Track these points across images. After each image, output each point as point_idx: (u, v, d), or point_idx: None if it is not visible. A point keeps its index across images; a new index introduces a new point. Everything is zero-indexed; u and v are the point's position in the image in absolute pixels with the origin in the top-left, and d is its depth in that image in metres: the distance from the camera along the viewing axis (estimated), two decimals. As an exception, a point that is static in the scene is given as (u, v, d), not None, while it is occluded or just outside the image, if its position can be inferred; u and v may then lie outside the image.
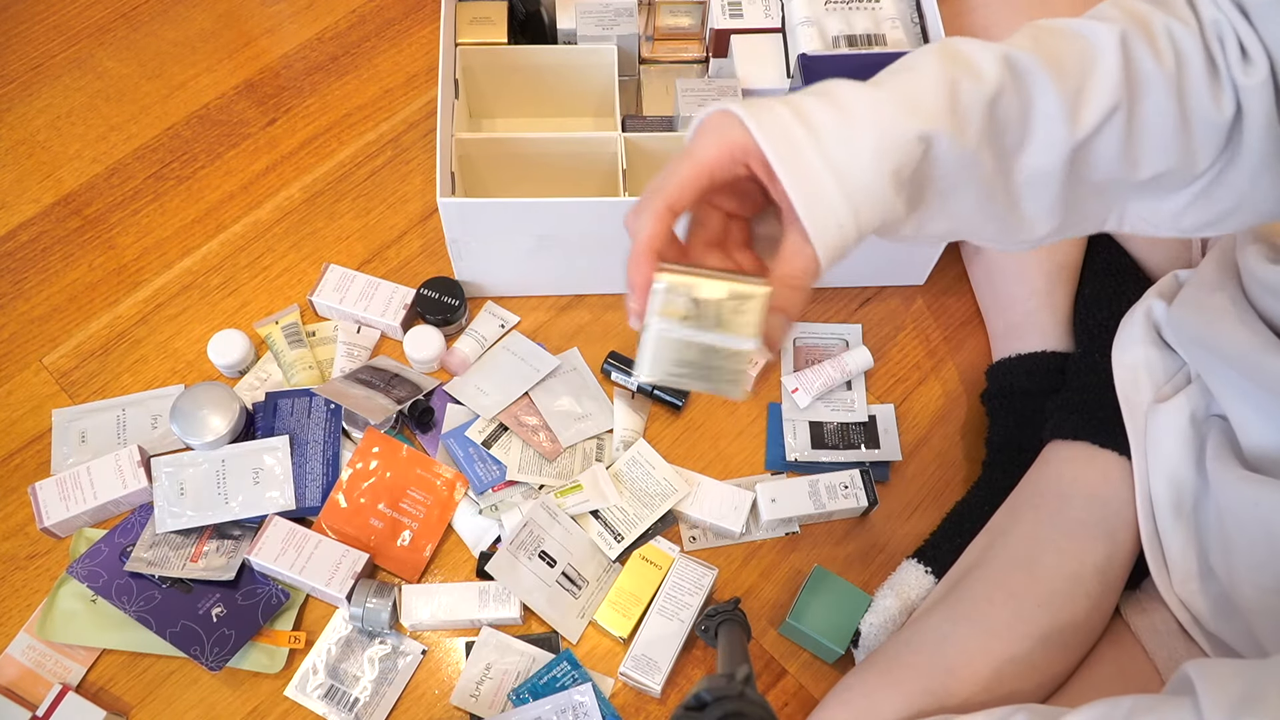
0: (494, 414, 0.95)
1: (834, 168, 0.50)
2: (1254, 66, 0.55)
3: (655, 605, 0.87)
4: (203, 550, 0.89)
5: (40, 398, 0.99)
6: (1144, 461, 0.80)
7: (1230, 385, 0.73)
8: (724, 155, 0.51)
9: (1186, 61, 0.56)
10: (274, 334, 0.99)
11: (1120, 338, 0.85)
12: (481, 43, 1.03)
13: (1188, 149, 0.57)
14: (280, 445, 0.92)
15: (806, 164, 0.50)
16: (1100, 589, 0.77)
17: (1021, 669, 0.74)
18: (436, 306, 0.99)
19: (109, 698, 0.86)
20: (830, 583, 0.86)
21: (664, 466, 0.93)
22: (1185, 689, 0.55)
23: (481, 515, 0.92)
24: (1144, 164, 0.58)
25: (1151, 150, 0.57)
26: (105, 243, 1.07)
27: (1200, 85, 0.56)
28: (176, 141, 1.14)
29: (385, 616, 0.85)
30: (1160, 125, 0.56)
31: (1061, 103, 0.54)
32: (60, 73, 1.18)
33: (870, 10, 1.02)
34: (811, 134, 0.50)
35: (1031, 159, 0.56)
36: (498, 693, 0.85)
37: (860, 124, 0.50)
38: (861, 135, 0.50)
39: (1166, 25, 0.56)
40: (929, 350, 1.03)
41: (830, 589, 0.86)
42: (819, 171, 0.50)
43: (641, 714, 0.86)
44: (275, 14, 1.23)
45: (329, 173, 1.12)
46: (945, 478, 0.97)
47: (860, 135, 0.50)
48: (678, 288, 0.51)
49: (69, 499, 0.90)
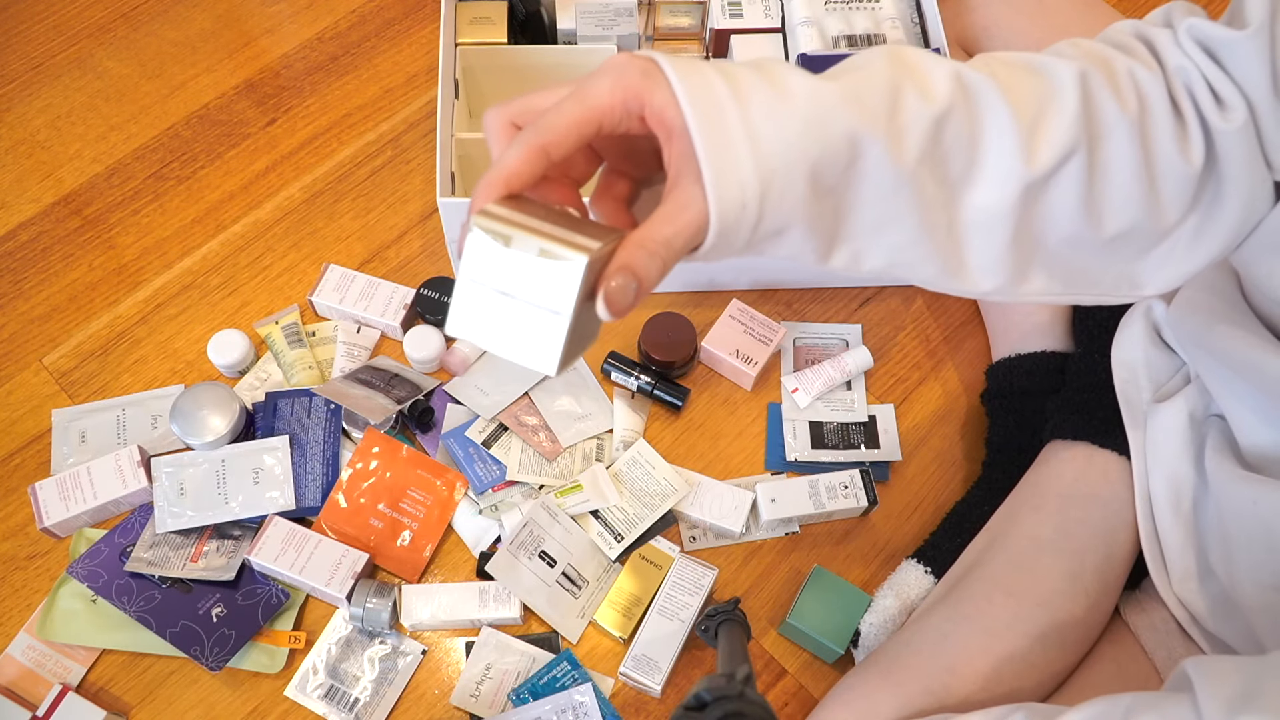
0: (494, 414, 0.95)
1: (752, 135, 0.44)
2: (1231, 111, 0.52)
3: (655, 605, 0.87)
4: (203, 550, 0.89)
5: (40, 398, 0.99)
6: (1143, 461, 0.80)
7: (1228, 386, 0.73)
8: (617, 103, 0.45)
9: (1150, 107, 0.53)
10: (274, 334, 0.99)
11: (1120, 338, 0.86)
12: (481, 43, 1.03)
13: (1154, 202, 0.54)
14: (280, 445, 0.92)
15: (724, 124, 0.44)
16: (1099, 588, 0.77)
17: (1021, 668, 0.74)
18: (436, 306, 0.99)
19: (109, 698, 0.86)
20: (830, 583, 0.86)
21: (664, 466, 0.93)
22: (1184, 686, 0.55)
23: (481, 515, 0.92)
24: (1107, 218, 0.54)
25: (1115, 201, 0.53)
26: (105, 243, 1.07)
27: (1165, 133, 0.53)
28: (176, 141, 1.14)
29: (385, 616, 0.85)
30: (1123, 173, 0.53)
31: (1016, 134, 0.50)
32: (60, 73, 1.18)
33: (870, 10, 1.02)
34: (737, 100, 0.44)
35: (979, 195, 0.50)
36: (498, 693, 0.85)
37: (792, 103, 0.45)
38: (790, 114, 0.45)
39: (1130, 68, 0.53)
40: (929, 350, 1.03)
41: (830, 589, 0.86)
42: (736, 133, 0.44)
43: (641, 714, 0.86)
44: (275, 14, 1.23)
45: (329, 173, 1.12)
46: (945, 478, 0.97)
47: (788, 114, 0.45)
48: (494, 230, 0.43)
49: (69, 499, 0.90)
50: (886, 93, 0.47)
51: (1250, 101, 0.52)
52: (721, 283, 1.03)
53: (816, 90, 0.45)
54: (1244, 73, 0.53)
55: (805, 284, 1.05)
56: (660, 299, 1.04)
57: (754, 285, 1.04)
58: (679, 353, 0.97)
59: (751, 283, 1.04)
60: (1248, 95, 0.53)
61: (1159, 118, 0.53)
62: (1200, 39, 0.53)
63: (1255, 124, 0.53)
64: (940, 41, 0.98)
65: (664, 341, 0.97)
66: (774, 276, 1.03)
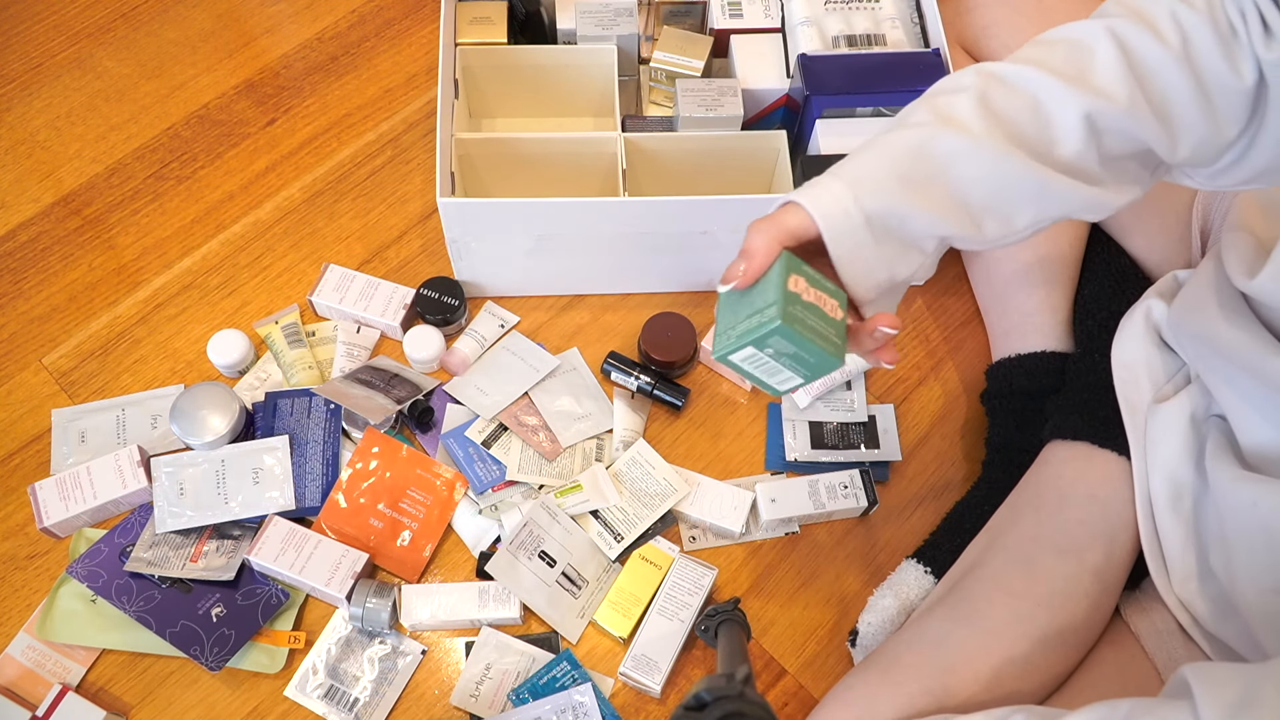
0: (494, 414, 0.95)
1: (835, 172, 0.60)
2: (1276, 41, 0.58)
3: (655, 605, 0.87)
4: (202, 550, 0.89)
5: (40, 398, 0.99)
6: (1143, 461, 0.80)
7: (1230, 383, 0.73)
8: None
9: (1192, 37, 0.59)
10: (274, 334, 0.99)
11: (1120, 338, 0.85)
12: (481, 43, 1.03)
13: (1213, 118, 0.60)
14: (280, 445, 0.92)
15: (817, 180, 0.61)
16: (1099, 589, 0.77)
17: (1021, 669, 0.74)
18: (436, 306, 0.99)
19: (109, 698, 0.86)
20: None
21: (664, 466, 0.93)
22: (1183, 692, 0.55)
23: (481, 515, 0.92)
24: (1182, 140, 0.61)
25: (1181, 123, 0.60)
26: (105, 243, 1.07)
27: (1213, 56, 0.59)
28: (176, 141, 1.14)
29: (385, 616, 0.85)
30: (1180, 98, 0.60)
31: (1066, 86, 0.59)
32: (60, 73, 1.18)
33: (870, 10, 1.02)
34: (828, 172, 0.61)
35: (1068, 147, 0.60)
36: (498, 693, 0.85)
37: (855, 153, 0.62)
38: (855, 152, 0.62)
39: (1171, 9, 0.60)
40: (929, 350, 1.03)
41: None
42: (824, 178, 0.61)
43: (641, 714, 0.86)
44: (275, 14, 1.23)
45: (329, 173, 1.12)
46: (945, 478, 0.97)
47: (855, 153, 0.61)
48: None
49: (69, 499, 0.90)
50: (924, 108, 0.62)
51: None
52: (721, 283, 1.03)
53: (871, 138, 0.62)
54: None
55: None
56: (660, 299, 1.04)
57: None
58: (679, 353, 0.97)
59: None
60: None
61: (1202, 44, 0.59)
62: None
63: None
64: (940, 41, 0.98)
65: (664, 341, 0.97)
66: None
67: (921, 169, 0.60)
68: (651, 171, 1.02)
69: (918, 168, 0.60)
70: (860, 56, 0.97)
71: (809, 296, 0.59)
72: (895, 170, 0.59)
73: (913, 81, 0.95)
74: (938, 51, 0.97)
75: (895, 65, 0.96)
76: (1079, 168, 0.61)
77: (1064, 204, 0.62)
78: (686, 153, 1.00)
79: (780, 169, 1.01)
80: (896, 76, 0.95)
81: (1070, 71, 0.60)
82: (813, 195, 0.60)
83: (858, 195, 0.59)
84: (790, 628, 0.90)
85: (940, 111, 0.61)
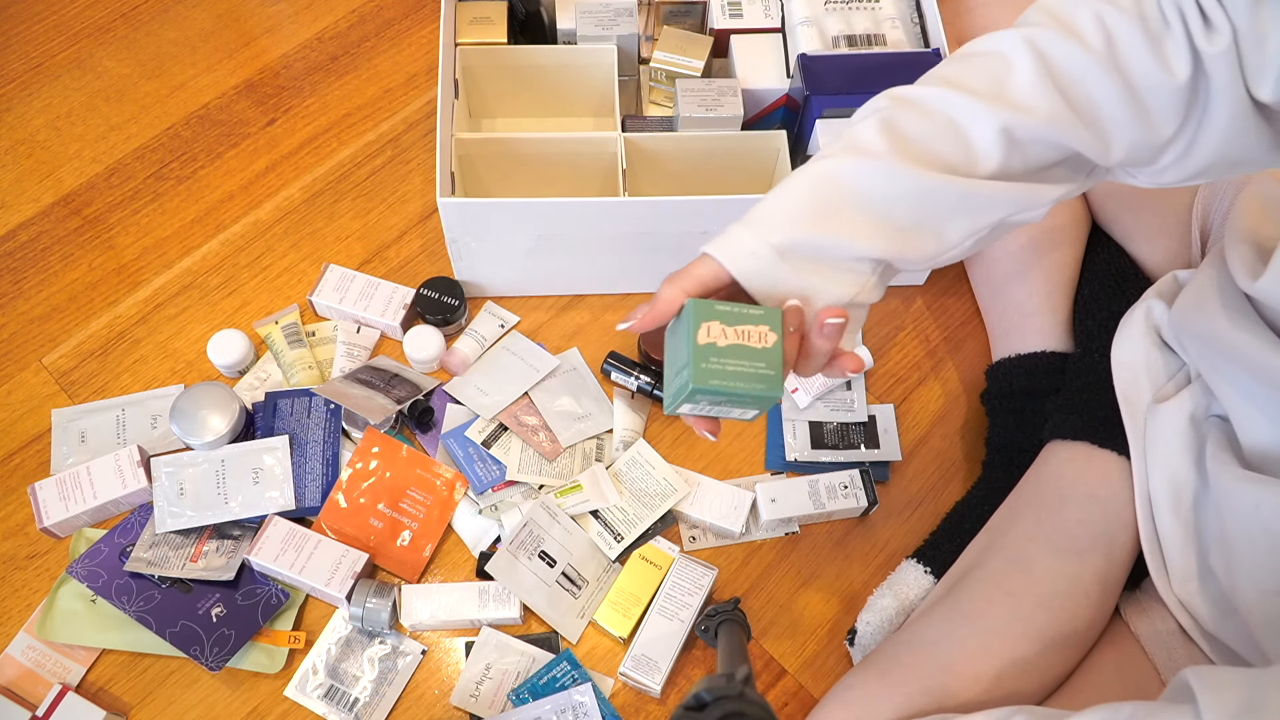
0: (494, 414, 0.95)
1: (740, 221, 0.62)
2: (1217, 33, 0.57)
3: (655, 605, 0.87)
4: (202, 550, 0.89)
5: (40, 398, 0.99)
6: (1143, 462, 0.80)
7: (1233, 383, 0.73)
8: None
9: (1118, 37, 0.59)
10: (274, 334, 0.99)
11: (1120, 338, 0.85)
12: (481, 43, 1.03)
13: (1145, 118, 0.60)
14: (280, 445, 0.92)
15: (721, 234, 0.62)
16: (1099, 589, 0.77)
17: (1020, 669, 0.74)
18: (436, 306, 0.99)
19: (109, 698, 0.86)
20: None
21: (664, 466, 0.93)
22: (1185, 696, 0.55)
23: (481, 515, 0.92)
24: (1112, 142, 0.61)
25: (1113, 125, 0.60)
26: (105, 243, 1.07)
27: (1141, 55, 0.59)
28: (176, 141, 1.14)
29: (385, 616, 0.85)
30: (1108, 102, 0.60)
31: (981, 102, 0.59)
32: (60, 73, 1.18)
33: (870, 10, 1.02)
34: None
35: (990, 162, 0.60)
36: (498, 693, 0.85)
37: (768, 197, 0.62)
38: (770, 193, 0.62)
39: (1096, 12, 0.60)
40: (929, 350, 1.03)
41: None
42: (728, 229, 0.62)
43: (641, 714, 0.86)
44: (275, 14, 1.23)
45: (329, 173, 1.12)
46: (945, 478, 0.97)
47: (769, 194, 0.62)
48: None
49: (69, 499, 0.90)
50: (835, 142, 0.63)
51: (1233, 24, 0.57)
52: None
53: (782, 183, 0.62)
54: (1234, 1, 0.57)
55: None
56: (660, 299, 1.04)
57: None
58: (679, 353, 0.97)
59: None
60: (1231, 17, 0.57)
61: (1128, 44, 0.59)
62: None
63: (1238, 48, 0.58)
64: (940, 41, 0.98)
65: (664, 341, 0.97)
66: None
67: (828, 196, 0.60)
68: (651, 171, 1.02)
69: (824, 196, 0.60)
70: (860, 56, 0.97)
71: (729, 339, 0.58)
72: (801, 202, 0.60)
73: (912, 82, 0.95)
74: (938, 51, 0.97)
75: (895, 65, 0.96)
76: (1000, 178, 0.61)
77: (993, 208, 0.61)
78: (686, 153, 1.00)
79: (780, 169, 1.01)
80: (896, 77, 0.94)
81: (985, 87, 0.60)
82: (719, 243, 0.61)
83: (762, 235, 0.60)
84: (790, 628, 0.90)
85: (845, 140, 0.61)
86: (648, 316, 0.61)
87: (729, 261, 0.60)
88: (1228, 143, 0.61)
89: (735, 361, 0.58)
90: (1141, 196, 0.93)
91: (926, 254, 0.62)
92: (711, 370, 0.58)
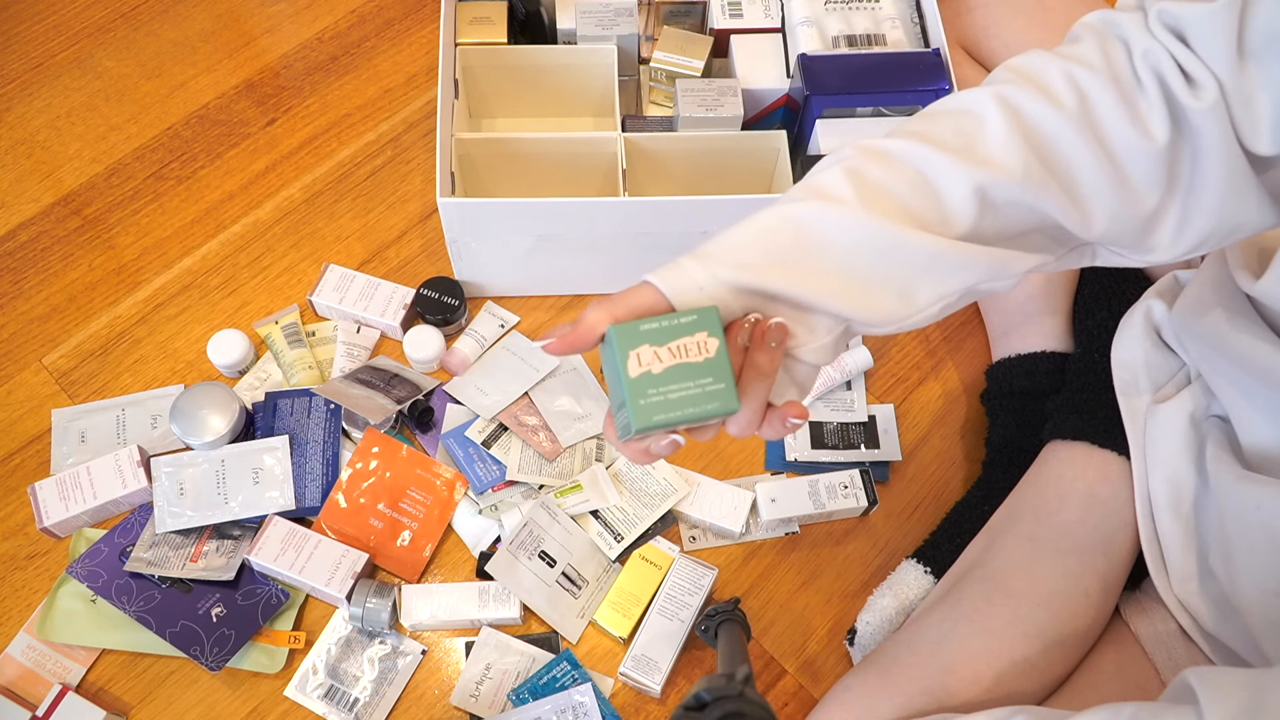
0: (494, 414, 0.95)
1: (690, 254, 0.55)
2: (1202, 90, 0.54)
3: (655, 605, 0.87)
4: (202, 550, 0.89)
5: (40, 398, 0.99)
6: (1143, 462, 0.80)
7: (1235, 384, 0.73)
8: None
9: (1091, 97, 0.55)
10: (274, 334, 0.99)
11: (1120, 338, 0.86)
12: (481, 43, 1.03)
13: (1123, 185, 0.56)
14: (280, 445, 0.92)
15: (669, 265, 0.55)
16: (1099, 589, 0.77)
17: (1021, 669, 0.74)
18: (436, 306, 0.99)
19: (109, 698, 0.86)
20: None
21: (664, 466, 0.93)
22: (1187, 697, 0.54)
23: (481, 515, 0.92)
24: (1091, 210, 0.57)
25: (1089, 191, 0.56)
26: (105, 243, 1.07)
27: (1116, 116, 0.55)
28: (176, 141, 1.14)
29: (385, 616, 0.85)
30: (1083, 163, 0.55)
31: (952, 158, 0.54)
32: (60, 73, 1.18)
33: (870, 10, 1.02)
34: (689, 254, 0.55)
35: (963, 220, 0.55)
36: (498, 693, 0.85)
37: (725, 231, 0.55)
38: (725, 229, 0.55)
39: (1067, 71, 0.56)
40: (929, 350, 1.03)
41: None
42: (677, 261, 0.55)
43: (641, 714, 0.86)
44: (275, 14, 1.23)
45: (329, 173, 1.12)
46: (945, 478, 0.97)
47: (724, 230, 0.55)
48: None
49: (69, 499, 0.90)
50: (799, 186, 0.56)
51: (1219, 79, 0.54)
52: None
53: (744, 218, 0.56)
54: (1210, 49, 0.54)
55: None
56: (660, 299, 1.04)
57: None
58: (679, 353, 0.97)
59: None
60: (1215, 72, 0.54)
61: (1105, 106, 0.55)
62: (1169, 22, 0.55)
63: (1226, 101, 0.54)
64: (940, 41, 0.98)
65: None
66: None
67: (784, 241, 0.54)
68: (651, 171, 1.02)
69: (781, 241, 0.54)
70: (860, 56, 0.97)
71: (664, 362, 0.52)
72: (757, 245, 0.54)
73: (913, 82, 0.95)
74: (938, 51, 0.97)
75: (895, 65, 0.96)
76: (973, 240, 0.56)
77: (964, 272, 0.56)
78: (686, 153, 1.00)
79: (780, 169, 1.01)
80: (896, 77, 0.95)
81: (957, 144, 0.55)
82: (663, 273, 0.54)
83: (713, 270, 0.53)
84: (790, 628, 0.90)
85: (806, 185, 0.56)
86: (566, 339, 0.54)
87: (673, 294, 0.53)
88: (1225, 205, 0.57)
89: (678, 386, 0.52)
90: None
91: (892, 316, 0.55)
92: (653, 405, 0.51)
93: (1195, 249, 0.59)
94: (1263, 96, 0.53)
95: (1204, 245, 0.59)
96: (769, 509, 0.91)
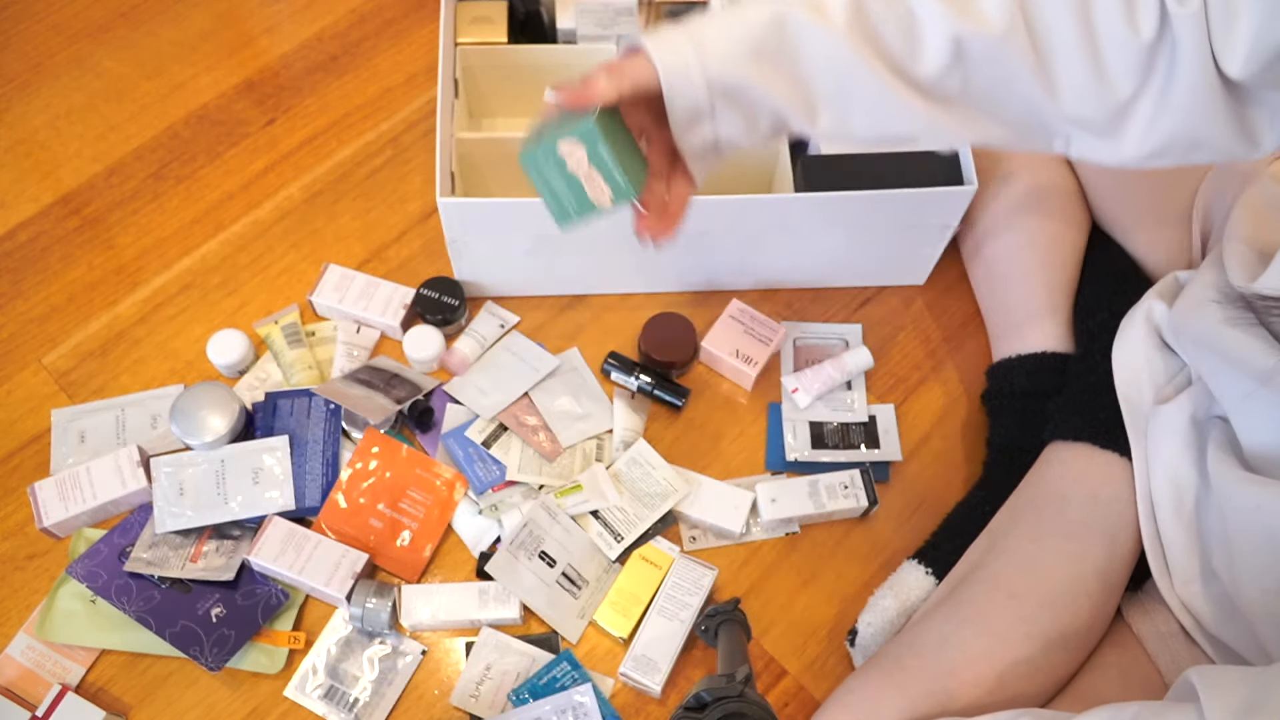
0: (494, 414, 0.95)
1: (688, 31, 0.62)
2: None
3: (655, 605, 0.87)
4: (202, 550, 0.89)
5: (40, 398, 0.98)
6: (1145, 462, 0.80)
7: (1233, 384, 0.73)
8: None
9: None
10: (273, 334, 0.99)
11: (1120, 339, 0.85)
12: (481, 42, 1.03)
13: (1098, 69, 0.59)
14: (280, 445, 0.92)
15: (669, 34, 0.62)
16: (1101, 590, 0.77)
17: (1024, 671, 0.74)
18: (436, 306, 0.99)
19: (108, 698, 0.86)
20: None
21: (664, 466, 0.93)
22: (1188, 696, 0.54)
23: (481, 515, 0.92)
24: (1061, 85, 0.60)
25: (1063, 69, 0.60)
26: (105, 243, 1.07)
27: (1108, 5, 0.58)
28: (176, 141, 1.14)
29: (385, 617, 0.85)
30: (1063, 35, 0.59)
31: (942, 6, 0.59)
32: (60, 72, 1.18)
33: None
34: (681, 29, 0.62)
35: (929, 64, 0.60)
36: (498, 693, 0.85)
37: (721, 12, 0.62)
38: (718, 15, 0.62)
39: None
40: (929, 350, 1.03)
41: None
42: (676, 34, 0.62)
43: (641, 714, 0.86)
44: (275, 14, 1.23)
45: (328, 172, 1.12)
46: (945, 478, 0.97)
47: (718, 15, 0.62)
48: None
49: (68, 499, 0.90)
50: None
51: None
52: (722, 283, 1.03)
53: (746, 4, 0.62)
54: None
55: (805, 284, 1.05)
56: (660, 299, 1.04)
57: (755, 285, 1.04)
58: (679, 353, 0.97)
59: (752, 283, 1.04)
60: None
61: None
62: None
63: (1206, 14, 0.57)
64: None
65: (664, 341, 0.97)
66: (775, 276, 1.03)
67: (770, 43, 0.60)
68: (652, 171, 1.01)
69: (768, 41, 0.60)
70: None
71: (576, 170, 0.63)
72: (748, 38, 0.60)
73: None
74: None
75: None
76: (933, 92, 0.61)
77: (901, 122, 0.62)
78: (687, 152, 1.00)
79: (780, 169, 1.01)
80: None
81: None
82: (661, 51, 0.61)
83: (703, 60, 0.61)
84: (790, 628, 0.90)
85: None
86: (575, 94, 0.62)
87: (665, 74, 0.61)
88: (1190, 116, 0.60)
89: (560, 179, 0.64)
90: (1141, 196, 0.93)
91: (824, 130, 0.63)
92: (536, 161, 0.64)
93: (1161, 150, 0.63)
94: (1244, 21, 0.55)
95: (1169, 150, 0.62)
96: (769, 509, 0.91)
